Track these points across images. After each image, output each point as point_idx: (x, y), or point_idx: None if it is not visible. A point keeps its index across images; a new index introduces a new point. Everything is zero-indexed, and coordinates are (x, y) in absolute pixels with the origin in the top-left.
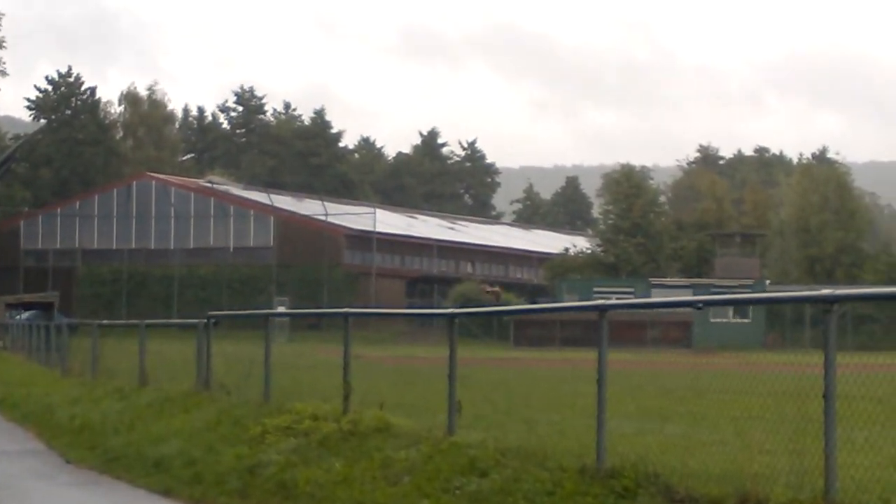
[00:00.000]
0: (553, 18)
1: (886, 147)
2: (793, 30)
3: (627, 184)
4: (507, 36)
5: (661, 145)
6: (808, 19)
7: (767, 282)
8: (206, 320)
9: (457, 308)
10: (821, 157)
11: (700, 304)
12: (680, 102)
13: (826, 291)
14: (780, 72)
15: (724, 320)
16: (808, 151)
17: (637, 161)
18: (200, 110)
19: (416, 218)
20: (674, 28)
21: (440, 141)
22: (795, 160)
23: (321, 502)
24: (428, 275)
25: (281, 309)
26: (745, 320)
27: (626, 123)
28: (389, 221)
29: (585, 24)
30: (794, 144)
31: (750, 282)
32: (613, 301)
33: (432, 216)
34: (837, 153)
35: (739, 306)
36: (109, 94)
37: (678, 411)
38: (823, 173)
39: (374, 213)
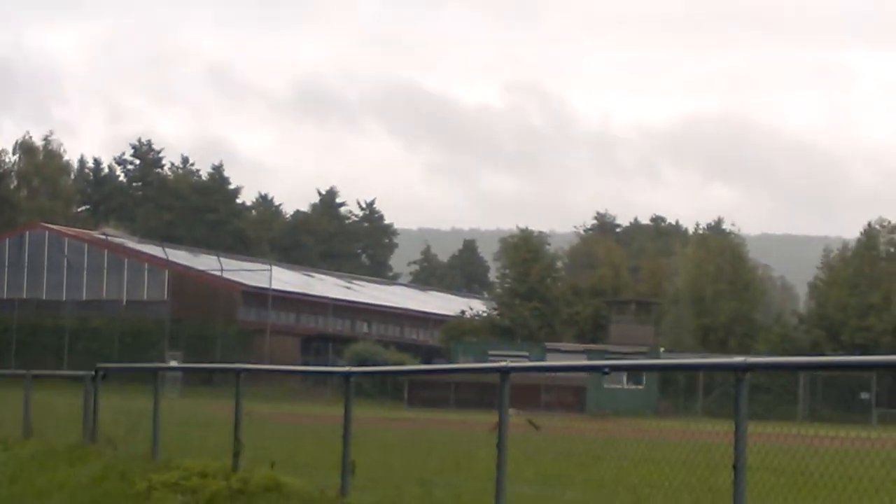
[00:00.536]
0: (450, 81)
1: (778, 220)
2: (685, 100)
3: (525, 248)
4: (405, 97)
5: (558, 211)
6: (701, 90)
7: (662, 349)
8: (94, 373)
9: (353, 366)
10: (716, 228)
11: (607, 370)
12: (576, 169)
13: (739, 359)
14: (673, 142)
15: (618, 386)
16: (702, 222)
17: (534, 226)
18: (97, 162)
19: (312, 276)
20: (570, 95)
21: (338, 200)
22: (691, 230)
23: None
24: (323, 333)
25: (172, 363)
26: (639, 387)
27: (523, 188)
28: (285, 279)
29: (483, 89)
30: (689, 214)
31: (644, 349)
32: (517, 363)
33: (329, 275)
34: (733, 224)
35: (641, 372)
36: (4, 143)
37: (576, 477)
38: (718, 244)
39: (271, 270)
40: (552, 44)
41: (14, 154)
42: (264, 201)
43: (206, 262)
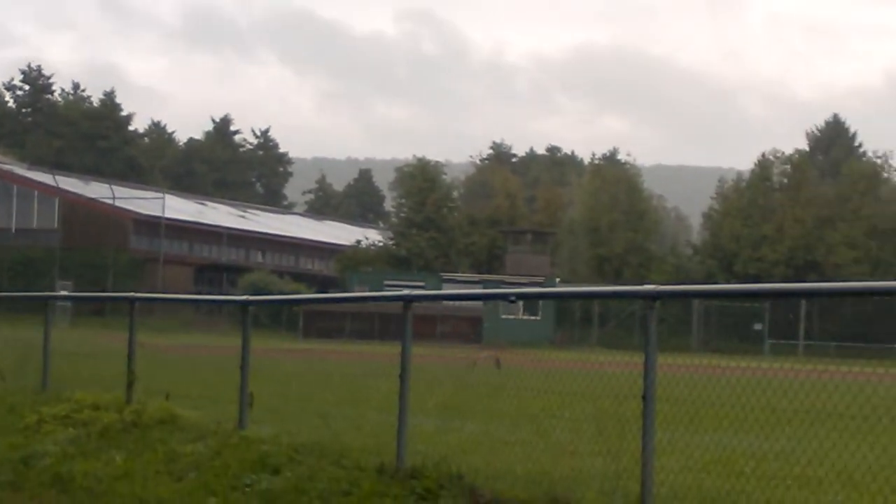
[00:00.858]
0: (343, 8)
1: (671, 151)
2: (579, 30)
3: (421, 177)
4: (298, 24)
5: (454, 141)
6: (594, 20)
7: (558, 280)
8: None
9: (250, 296)
10: (611, 159)
11: (513, 298)
12: (471, 98)
13: (649, 287)
14: (567, 72)
15: (514, 317)
16: (597, 152)
17: (430, 156)
18: None
19: (206, 205)
20: (462, 23)
21: (233, 128)
22: (587, 160)
23: (100, 497)
24: (217, 263)
25: (63, 293)
26: (535, 317)
27: (418, 118)
28: (179, 207)
29: (375, 16)
30: (584, 144)
31: (540, 279)
32: (420, 292)
33: (223, 204)
34: (628, 154)
35: (539, 301)
36: None
37: (477, 408)
38: (614, 174)
39: (164, 198)
40: None
41: None
42: (157, 129)
43: (97, 190)
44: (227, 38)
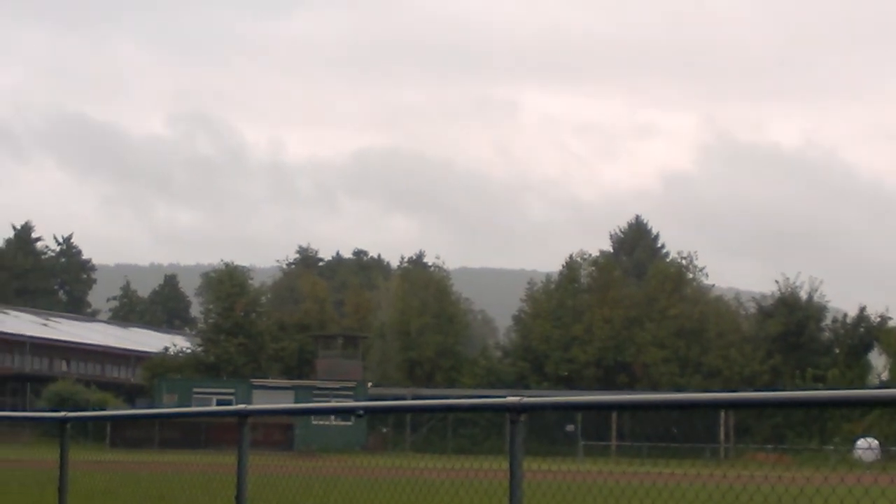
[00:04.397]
0: (123, 113)
1: (472, 253)
2: (358, 134)
3: (229, 283)
4: (75, 129)
5: (256, 245)
6: (369, 124)
7: (369, 384)
8: None
9: (69, 412)
10: (418, 262)
11: (361, 412)
12: (259, 202)
13: (513, 399)
14: (350, 174)
15: (326, 422)
16: (403, 255)
17: (235, 261)
18: None
19: (7, 313)
20: (239, 125)
21: (35, 235)
22: (394, 264)
23: None
24: (20, 373)
25: None
26: (347, 423)
27: (219, 223)
28: None
29: (151, 119)
30: (384, 247)
31: (352, 384)
32: (256, 406)
33: (25, 312)
34: (437, 257)
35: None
36: None
37: None
38: (422, 277)
39: None
40: (221, 76)
41: None
42: None
43: None
44: (21, 145)
